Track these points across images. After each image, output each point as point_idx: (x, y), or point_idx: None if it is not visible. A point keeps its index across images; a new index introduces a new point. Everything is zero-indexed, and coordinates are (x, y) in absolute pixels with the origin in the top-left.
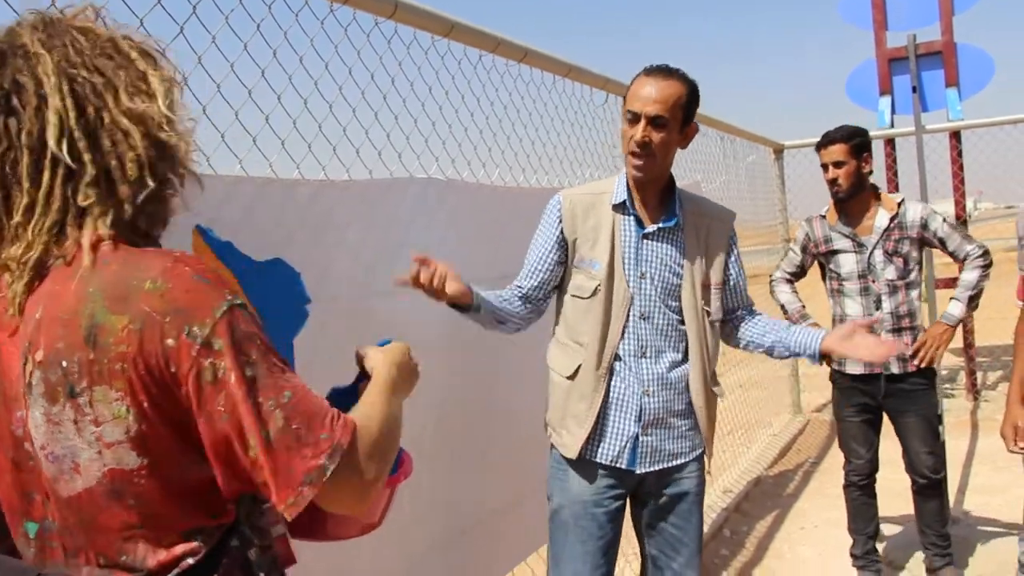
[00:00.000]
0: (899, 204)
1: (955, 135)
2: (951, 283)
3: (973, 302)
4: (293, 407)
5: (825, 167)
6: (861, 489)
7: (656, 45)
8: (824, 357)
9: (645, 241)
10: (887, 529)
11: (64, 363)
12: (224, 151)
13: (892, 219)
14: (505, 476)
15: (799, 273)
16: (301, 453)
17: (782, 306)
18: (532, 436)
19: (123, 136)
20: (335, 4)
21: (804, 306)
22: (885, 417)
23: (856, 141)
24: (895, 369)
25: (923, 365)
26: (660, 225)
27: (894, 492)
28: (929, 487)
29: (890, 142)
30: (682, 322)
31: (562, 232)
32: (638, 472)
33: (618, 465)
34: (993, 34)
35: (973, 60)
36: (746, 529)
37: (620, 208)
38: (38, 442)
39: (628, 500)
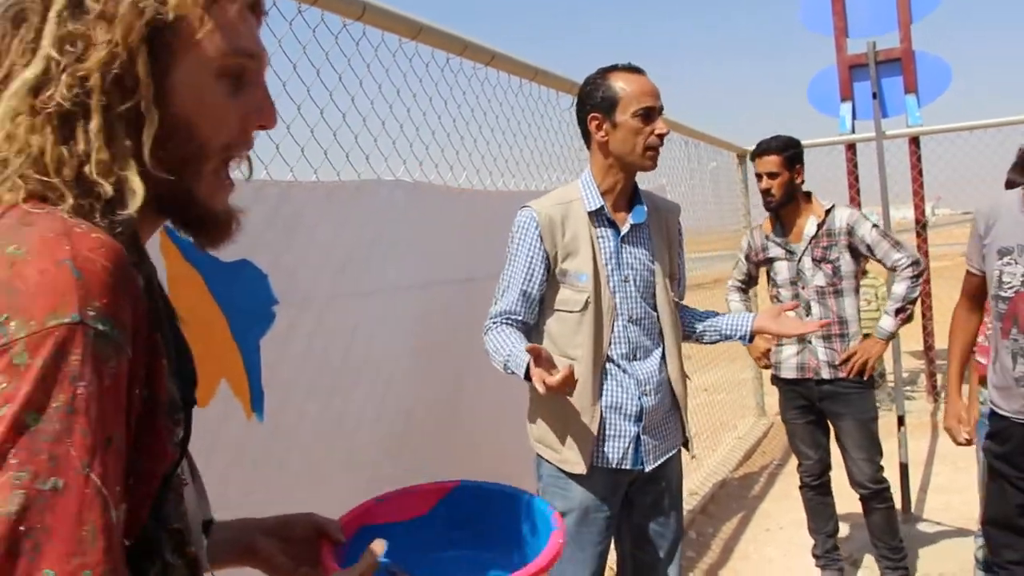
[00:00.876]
0: (827, 211)
1: (914, 141)
2: None
3: (902, 314)
4: (46, 503)
5: (759, 176)
6: (814, 489)
7: (608, 41)
8: (752, 337)
9: (624, 245)
10: (847, 527)
11: None
12: None
13: (819, 226)
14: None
15: (748, 281)
16: None
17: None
18: (506, 443)
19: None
20: (303, 5)
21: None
22: None
23: (789, 152)
24: (825, 375)
25: (851, 376)
26: (632, 223)
27: (852, 491)
28: (873, 498)
29: (851, 147)
30: (659, 317)
31: (544, 248)
32: (647, 470)
33: (623, 467)
34: (950, 42)
35: (931, 67)
36: (712, 531)
37: (595, 214)
38: None
39: None
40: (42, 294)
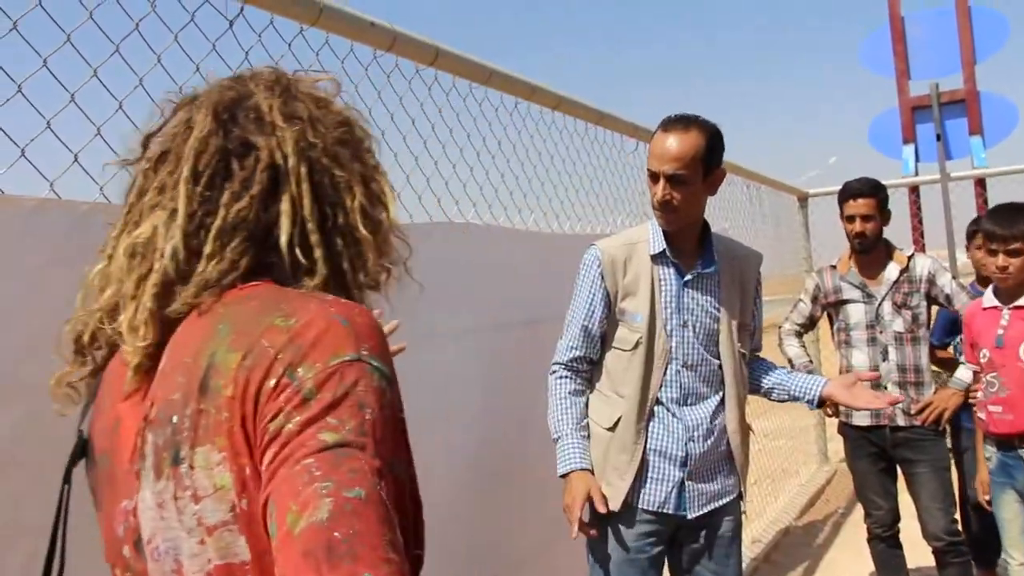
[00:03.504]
0: (909, 258)
1: (980, 183)
2: None
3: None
4: (353, 510)
5: (851, 219)
6: (884, 541)
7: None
8: (822, 403)
9: (686, 289)
10: None
11: (174, 419)
12: None
13: (902, 272)
14: (535, 522)
15: (808, 325)
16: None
17: (789, 360)
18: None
19: (355, 242)
20: (379, 51)
21: (811, 361)
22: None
23: (882, 196)
24: (901, 422)
25: (926, 425)
26: (699, 271)
27: (923, 543)
28: (948, 551)
29: (914, 190)
30: (720, 365)
31: (604, 287)
32: (690, 517)
33: (664, 511)
34: (1018, 82)
35: (997, 108)
36: None
37: (659, 257)
38: (146, 535)
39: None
40: (322, 344)
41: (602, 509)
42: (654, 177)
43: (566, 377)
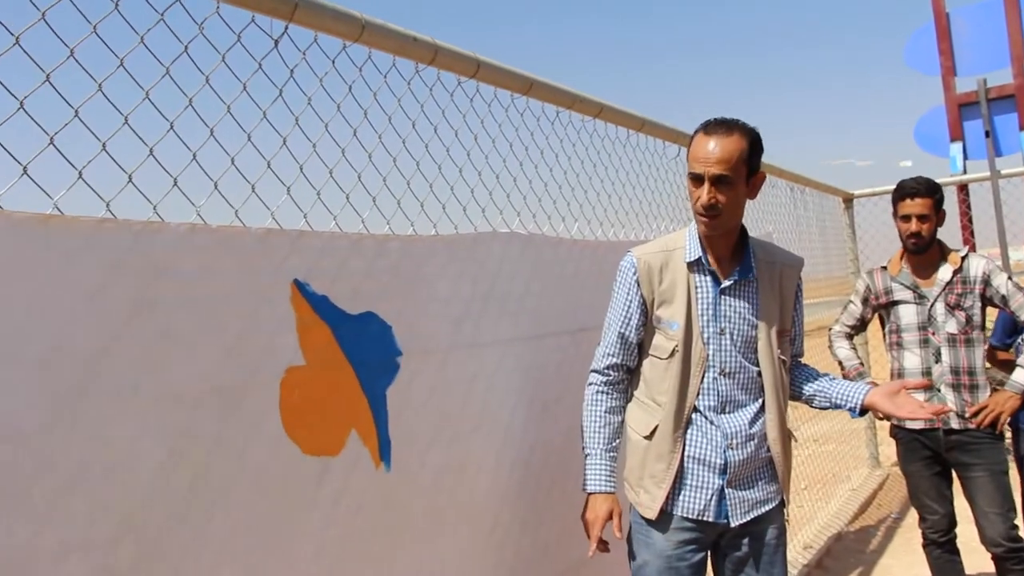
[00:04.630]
0: (963, 258)
1: None
2: None
3: None
4: None
5: (907, 218)
6: (941, 547)
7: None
8: (864, 412)
9: (723, 296)
10: None
11: None
12: (320, 208)
13: (955, 272)
14: (582, 530)
15: (859, 326)
16: None
17: (840, 362)
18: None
19: None
20: (421, 65)
21: (862, 363)
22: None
23: (938, 196)
24: (955, 424)
25: (981, 428)
26: (736, 278)
27: (981, 549)
28: (1008, 558)
29: (963, 188)
30: (760, 373)
31: (641, 294)
32: (733, 524)
33: (704, 518)
34: None
35: None
36: None
37: (695, 265)
38: None
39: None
40: None
41: (619, 535)
42: (697, 180)
43: (604, 392)
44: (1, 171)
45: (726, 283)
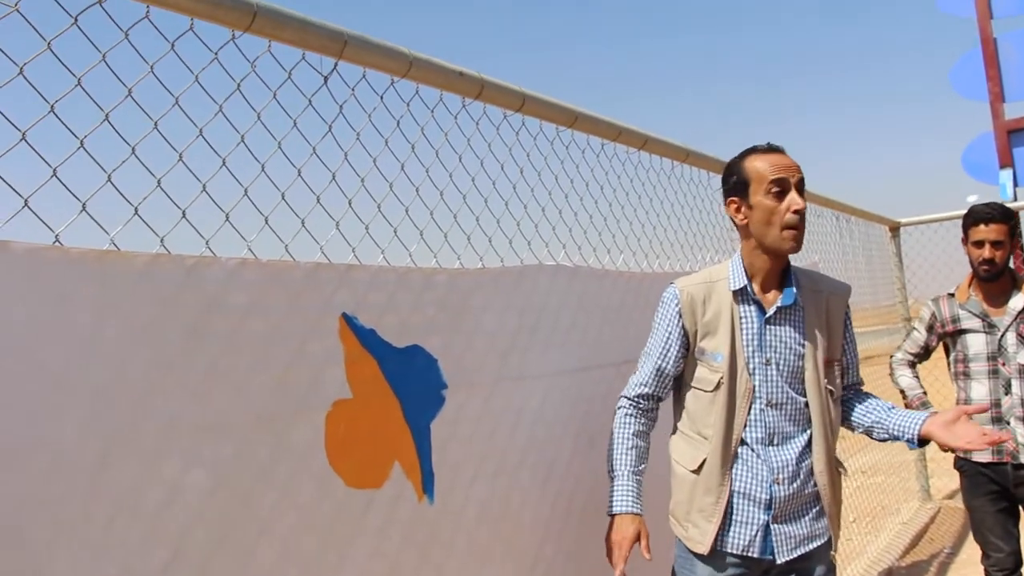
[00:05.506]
0: None
1: None
2: None
3: None
4: None
5: (979, 244)
6: None
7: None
8: (923, 443)
9: (768, 326)
10: None
11: None
12: (368, 242)
13: None
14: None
15: (922, 355)
16: None
17: (902, 391)
18: (662, 525)
19: None
20: (467, 99)
21: (925, 392)
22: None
23: (1013, 222)
24: None
25: None
26: (780, 305)
27: None
28: None
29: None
30: (807, 404)
31: (683, 326)
32: (779, 561)
33: (749, 554)
34: None
35: None
36: None
37: (739, 294)
38: None
39: None
40: None
41: (647, 556)
42: (783, 189)
43: (632, 416)
44: (61, 208)
45: (771, 312)
